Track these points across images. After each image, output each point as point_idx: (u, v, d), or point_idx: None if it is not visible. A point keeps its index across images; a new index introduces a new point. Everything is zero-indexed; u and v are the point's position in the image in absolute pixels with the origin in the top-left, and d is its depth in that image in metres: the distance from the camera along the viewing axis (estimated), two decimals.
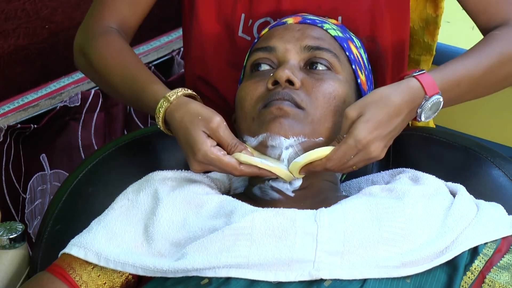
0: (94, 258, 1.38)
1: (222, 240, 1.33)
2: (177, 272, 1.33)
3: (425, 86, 1.42)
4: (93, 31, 1.63)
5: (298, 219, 1.35)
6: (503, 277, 1.35)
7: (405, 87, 1.42)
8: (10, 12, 2.10)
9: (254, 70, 1.51)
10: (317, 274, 1.30)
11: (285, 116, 1.41)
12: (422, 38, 1.74)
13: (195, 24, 1.67)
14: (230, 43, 1.67)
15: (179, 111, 1.45)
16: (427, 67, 1.79)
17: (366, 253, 1.32)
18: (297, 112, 1.42)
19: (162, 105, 1.46)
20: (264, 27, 1.64)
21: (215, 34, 1.67)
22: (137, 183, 1.49)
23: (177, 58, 2.42)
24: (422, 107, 1.43)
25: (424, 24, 1.72)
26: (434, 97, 1.43)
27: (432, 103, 1.43)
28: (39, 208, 2.20)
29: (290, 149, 1.42)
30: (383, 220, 1.36)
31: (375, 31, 1.64)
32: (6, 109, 2.10)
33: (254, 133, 1.44)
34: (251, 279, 1.31)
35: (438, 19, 1.72)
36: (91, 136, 2.23)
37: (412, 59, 1.77)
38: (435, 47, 1.77)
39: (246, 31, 1.66)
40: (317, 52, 1.49)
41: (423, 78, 1.43)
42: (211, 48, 1.68)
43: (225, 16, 1.66)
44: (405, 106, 1.41)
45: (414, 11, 1.70)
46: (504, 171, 1.57)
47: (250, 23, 1.65)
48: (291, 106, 1.42)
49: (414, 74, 1.43)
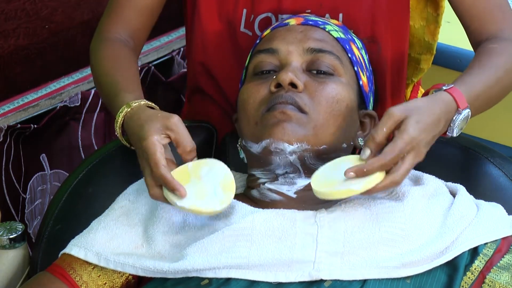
0: (94, 258, 1.39)
1: (222, 240, 1.33)
2: (177, 273, 1.33)
3: (457, 100, 1.41)
4: (103, 35, 1.65)
5: (298, 219, 1.35)
6: (503, 277, 1.35)
7: (440, 100, 1.41)
8: (10, 12, 2.10)
9: (256, 72, 1.51)
10: (317, 274, 1.30)
11: (288, 121, 1.41)
12: (422, 37, 1.74)
13: (197, 22, 1.68)
14: (232, 39, 1.68)
15: (138, 114, 1.44)
16: (427, 66, 1.79)
17: (366, 254, 1.32)
18: (300, 116, 1.42)
19: (122, 110, 1.46)
20: (265, 23, 1.64)
21: (217, 31, 1.67)
22: (137, 183, 1.49)
23: (177, 58, 2.42)
24: (455, 121, 1.42)
25: (425, 23, 1.72)
26: (465, 110, 1.42)
27: (464, 116, 1.42)
28: (39, 208, 2.20)
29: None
30: (383, 221, 1.36)
31: (376, 30, 1.64)
32: (6, 109, 2.10)
33: (258, 138, 1.44)
34: (251, 279, 1.31)
35: (439, 18, 1.72)
36: (91, 136, 2.23)
37: (413, 58, 1.77)
38: (436, 46, 1.77)
39: (247, 26, 1.66)
40: (320, 55, 1.49)
41: (454, 92, 1.42)
42: (213, 45, 1.69)
43: (227, 12, 1.66)
44: (443, 116, 1.40)
45: (415, 10, 1.70)
46: (504, 171, 1.57)
47: (251, 18, 1.65)
48: (294, 110, 1.42)
49: (444, 88, 1.43)
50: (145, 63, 2.35)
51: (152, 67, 2.36)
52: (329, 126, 1.44)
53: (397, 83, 1.70)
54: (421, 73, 1.80)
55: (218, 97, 1.72)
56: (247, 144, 1.47)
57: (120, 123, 1.47)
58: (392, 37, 1.66)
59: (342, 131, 1.45)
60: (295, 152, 1.41)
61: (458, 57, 2.34)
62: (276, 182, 1.44)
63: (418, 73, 1.80)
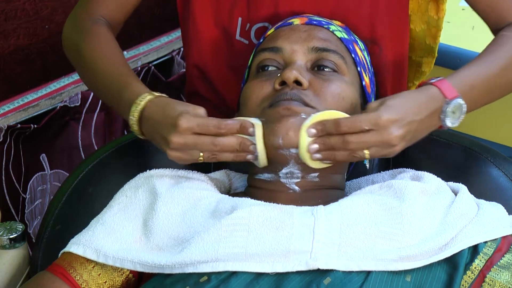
0: (93, 254, 1.38)
1: (220, 230, 1.33)
2: (174, 267, 1.32)
3: (443, 90, 1.40)
4: (83, 23, 1.63)
5: (295, 212, 1.35)
6: (504, 276, 1.35)
7: (422, 91, 1.41)
8: (10, 12, 2.10)
9: (260, 70, 1.50)
10: (314, 264, 1.30)
11: (294, 116, 1.40)
12: (423, 41, 1.74)
13: (192, 27, 1.67)
14: (228, 46, 1.67)
15: (163, 99, 1.44)
16: (429, 69, 1.79)
17: (364, 246, 1.32)
18: (306, 110, 1.41)
19: (145, 97, 1.44)
20: (261, 32, 1.63)
21: (213, 37, 1.67)
22: (134, 180, 1.49)
23: (177, 58, 2.42)
24: (445, 112, 1.41)
25: (426, 26, 1.72)
26: (454, 100, 1.41)
27: (454, 106, 1.41)
28: (39, 208, 2.20)
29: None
30: (380, 216, 1.36)
31: (375, 37, 1.64)
32: (6, 109, 2.10)
33: None
34: (249, 271, 1.30)
35: (439, 21, 1.72)
36: (91, 136, 2.24)
37: (414, 61, 1.77)
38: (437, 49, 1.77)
39: (243, 35, 1.65)
40: (324, 54, 1.48)
41: (439, 83, 1.41)
42: (210, 51, 1.68)
43: (222, 20, 1.65)
44: (424, 107, 1.39)
45: (416, 13, 1.70)
46: (504, 171, 1.57)
47: (247, 27, 1.65)
48: (300, 105, 1.41)
49: (431, 81, 1.42)
50: (145, 63, 2.35)
51: (152, 67, 2.36)
52: None
53: (398, 85, 1.70)
54: (423, 76, 1.80)
55: (216, 101, 1.72)
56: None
57: (143, 106, 1.43)
58: (391, 42, 1.66)
59: None
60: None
61: (458, 57, 2.35)
62: (277, 179, 1.44)
63: (419, 76, 1.80)
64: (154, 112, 1.42)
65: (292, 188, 1.43)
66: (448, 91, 1.41)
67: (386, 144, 1.36)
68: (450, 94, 1.41)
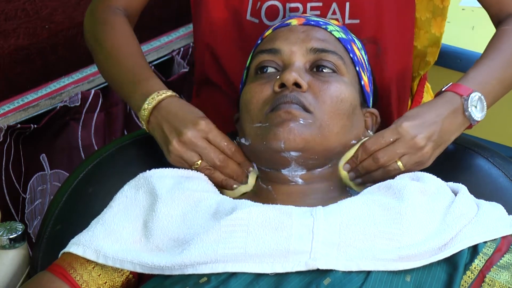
0: (92, 255, 1.38)
1: (219, 231, 1.33)
2: (174, 268, 1.32)
3: (457, 90, 1.48)
4: (102, 15, 1.68)
5: (294, 213, 1.36)
6: (503, 276, 1.35)
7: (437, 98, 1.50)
8: (10, 12, 2.10)
9: (259, 72, 1.51)
10: (314, 264, 1.30)
11: (293, 120, 1.42)
12: (429, 30, 1.75)
13: (204, 12, 1.70)
14: (238, 28, 1.69)
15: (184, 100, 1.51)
16: (434, 59, 1.80)
17: (363, 246, 1.32)
18: (305, 115, 1.42)
19: (167, 91, 1.51)
20: (272, 11, 1.65)
21: (224, 20, 1.69)
22: (134, 180, 1.49)
23: (177, 58, 2.42)
24: (467, 108, 1.47)
25: (431, 15, 1.73)
26: (471, 94, 1.47)
27: (472, 100, 1.47)
28: (39, 208, 2.20)
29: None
30: (380, 216, 1.36)
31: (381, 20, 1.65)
32: (6, 109, 2.10)
33: (262, 138, 1.44)
34: (248, 272, 1.30)
35: (445, 10, 1.73)
36: (91, 136, 2.23)
37: (419, 51, 1.77)
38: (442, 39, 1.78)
39: (254, 14, 1.67)
40: (323, 55, 1.49)
41: (451, 87, 1.49)
42: (220, 33, 1.70)
43: (233, 1, 1.67)
44: (442, 108, 1.47)
45: (421, 2, 1.71)
46: (504, 171, 1.57)
47: (258, 5, 1.65)
48: (299, 109, 1.43)
49: (443, 89, 1.50)
50: None
51: (152, 67, 2.36)
52: (334, 125, 1.45)
53: (402, 77, 1.72)
54: (428, 66, 1.81)
55: (226, 87, 1.73)
56: (248, 143, 1.47)
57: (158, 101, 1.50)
58: (397, 27, 1.67)
59: (347, 129, 1.46)
60: (300, 150, 1.42)
61: (458, 57, 2.34)
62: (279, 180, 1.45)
63: (424, 66, 1.81)
64: (175, 105, 1.49)
65: (295, 181, 1.46)
66: (462, 90, 1.48)
67: (413, 148, 1.43)
68: (465, 92, 1.47)
